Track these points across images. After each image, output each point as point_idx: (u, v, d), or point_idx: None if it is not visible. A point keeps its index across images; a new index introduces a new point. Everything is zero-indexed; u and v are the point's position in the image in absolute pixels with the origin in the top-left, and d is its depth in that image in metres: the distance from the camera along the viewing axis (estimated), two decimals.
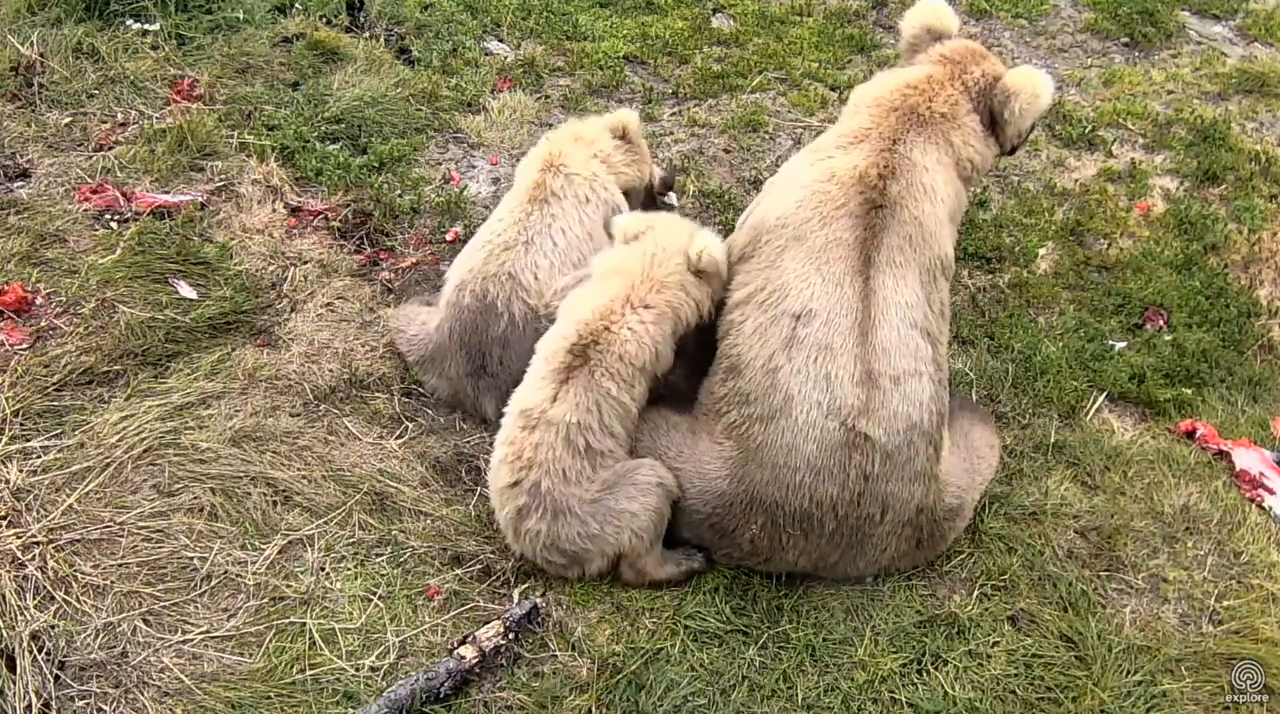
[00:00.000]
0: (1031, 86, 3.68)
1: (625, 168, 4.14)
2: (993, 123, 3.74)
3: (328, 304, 4.27)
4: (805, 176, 3.57)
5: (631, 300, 3.45)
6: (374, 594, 3.30)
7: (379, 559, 3.41)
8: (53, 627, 3.04)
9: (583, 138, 4.12)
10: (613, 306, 3.43)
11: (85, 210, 4.41)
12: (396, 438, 3.83)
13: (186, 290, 4.17)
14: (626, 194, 4.15)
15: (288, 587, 3.28)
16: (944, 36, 3.88)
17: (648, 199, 4.45)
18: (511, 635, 3.18)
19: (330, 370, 3.99)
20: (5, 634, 2.97)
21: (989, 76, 3.73)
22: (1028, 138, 4.05)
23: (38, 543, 3.22)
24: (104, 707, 2.92)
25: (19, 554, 3.17)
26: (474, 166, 5.07)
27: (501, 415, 3.47)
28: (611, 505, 3.30)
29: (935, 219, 3.48)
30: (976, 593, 3.51)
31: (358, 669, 3.10)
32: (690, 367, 3.69)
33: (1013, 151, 3.95)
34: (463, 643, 3.14)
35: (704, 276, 3.57)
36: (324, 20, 5.77)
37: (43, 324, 3.92)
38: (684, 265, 3.52)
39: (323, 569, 3.35)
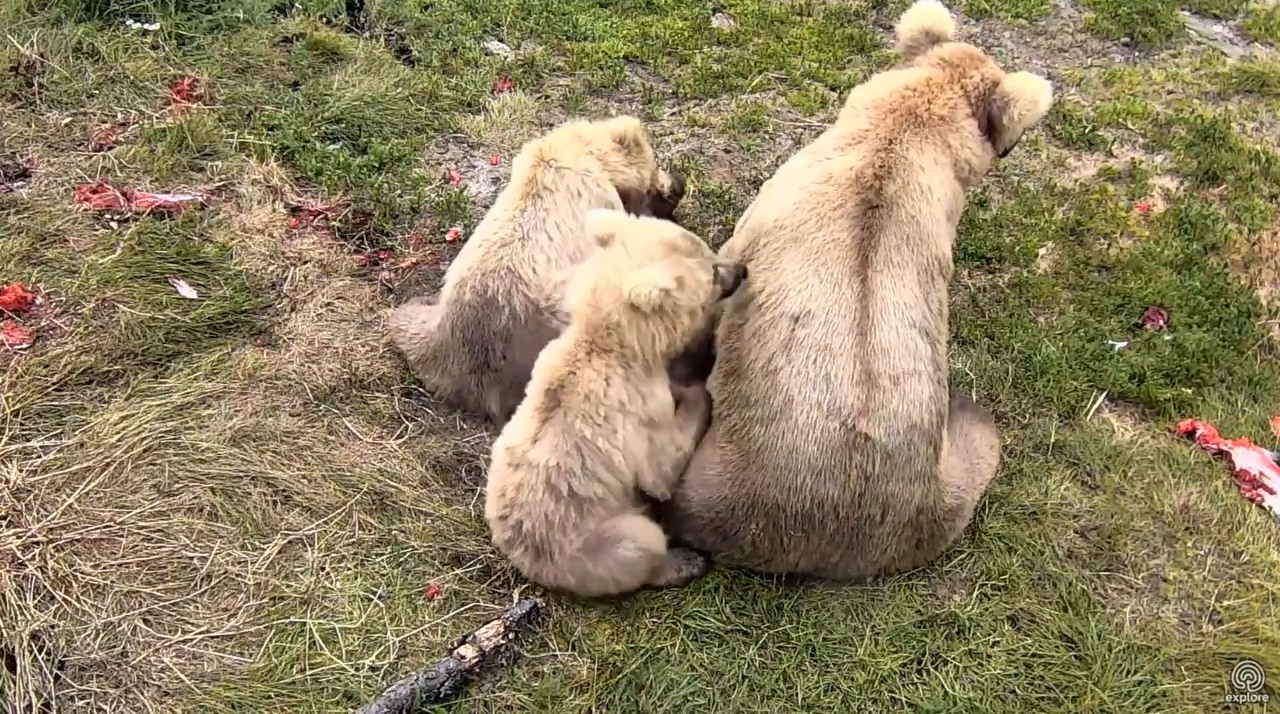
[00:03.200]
0: (1030, 93, 3.68)
1: (623, 168, 4.13)
2: (990, 127, 3.74)
3: (328, 304, 4.27)
4: (802, 178, 3.57)
5: (591, 345, 3.23)
6: (374, 594, 3.30)
7: (379, 559, 3.41)
8: (53, 627, 3.05)
9: (580, 136, 4.12)
10: (576, 352, 3.24)
11: (85, 210, 4.41)
12: (396, 438, 3.83)
13: (186, 290, 4.17)
14: (625, 196, 4.14)
15: (288, 587, 3.28)
16: (941, 39, 3.88)
17: (657, 204, 4.43)
18: (511, 635, 3.18)
19: (330, 370, 3.99)
20: (5, 634, 2.97)
21: (988, 81, 3.73)
22: (1019, 140, 4.06)
23: (38, 543, 3.22)
24: (104, 707, 2.93)
25: (19, 554, 3.17)
26: (474, 166, 5.07)
27: (505, 410, 3.42)
28: (591, 570, 3.22)
29: (932, 218, 3.48)
30: (976, 593, 3.51)
31: (358, 669, 3.10)
32: (691, 369, 3.69)
33: (1004, 154, 3.96)
34: (463, 643, 3.14)
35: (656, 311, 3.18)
36: (324, 20, 5.78)
37: (43, 324, 3.92)
38: (624, 301, 3.15)
39: (323, 569, 3.35)
